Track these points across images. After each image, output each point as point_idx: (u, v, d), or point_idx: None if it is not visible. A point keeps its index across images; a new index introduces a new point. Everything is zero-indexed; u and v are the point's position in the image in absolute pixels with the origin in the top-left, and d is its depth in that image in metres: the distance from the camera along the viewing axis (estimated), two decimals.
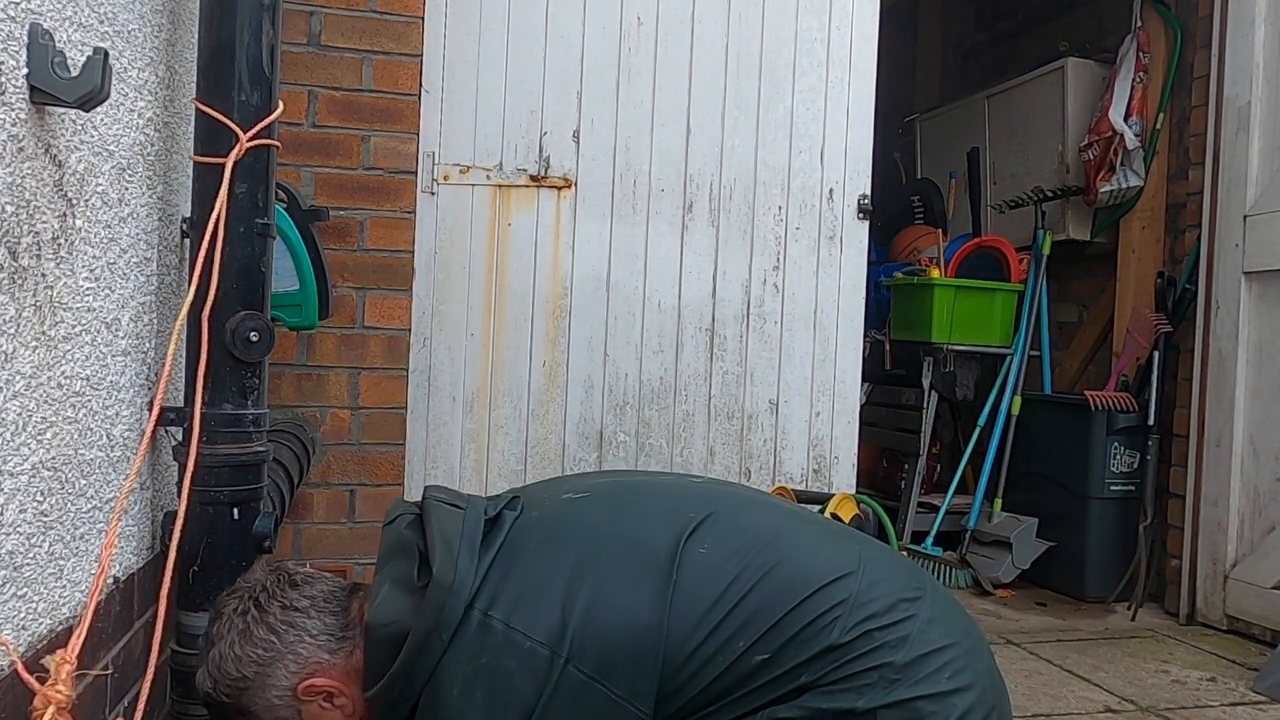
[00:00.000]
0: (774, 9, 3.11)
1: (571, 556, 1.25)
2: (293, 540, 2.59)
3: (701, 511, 1.32)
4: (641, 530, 1.30)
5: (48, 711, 1.00)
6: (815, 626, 1.23)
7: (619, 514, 1.34)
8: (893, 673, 1.22)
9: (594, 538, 1.28)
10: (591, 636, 1.19)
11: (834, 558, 1.30)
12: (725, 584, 1.24)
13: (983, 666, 1.31)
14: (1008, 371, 3.84)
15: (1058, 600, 3.54)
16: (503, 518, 1.30)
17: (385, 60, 2.63)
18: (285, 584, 1.28)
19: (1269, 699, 2.54)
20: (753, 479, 3.12)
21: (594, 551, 1.26)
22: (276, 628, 1.23)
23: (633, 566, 1.24)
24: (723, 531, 1.30)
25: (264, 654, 1.23)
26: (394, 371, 2.67)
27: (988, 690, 1.28)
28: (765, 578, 1.25)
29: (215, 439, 1.55)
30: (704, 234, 3.09)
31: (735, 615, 1.23)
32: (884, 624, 1.24)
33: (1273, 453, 3.04)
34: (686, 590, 1.23)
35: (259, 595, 1.26)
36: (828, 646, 1.23)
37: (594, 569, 1.23)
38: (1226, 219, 3.22)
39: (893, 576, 1.31)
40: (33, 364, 1.11)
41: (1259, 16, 3.13)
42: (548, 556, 1.25)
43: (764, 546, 1.29)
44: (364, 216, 2.64)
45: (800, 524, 1.38)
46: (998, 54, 5.16)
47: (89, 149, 1.27)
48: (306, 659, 1.24)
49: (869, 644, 1.23)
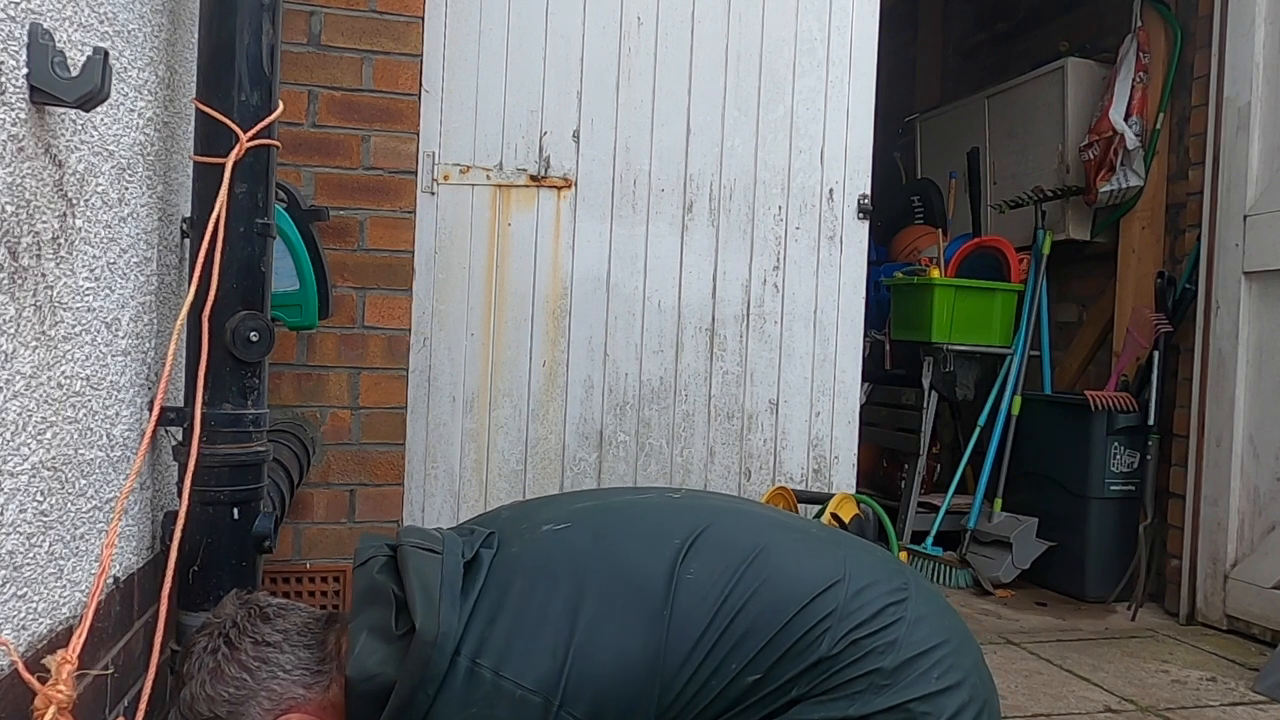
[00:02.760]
0: (774, 9, 3.11)
1: (560, 595, 1.22)
2: (293, 540, 2.59)
3: (688, 533, 1.30)
4: (630, 560, 1.27)
5: (48, 711, 1.01)
6: (805, 641, 1.23)
7: (605, 543, 1.30)
8: (882, 678, 1.23)
9: (582, 573, 1.24)
10: (586, 680, 1.16)
11: (820, 567, 1.30)
12: (715, 608, 1.23)
13: (970, 662, 1.31)
14: (1008, 371, 3.84)
15: (1058, 600, 3.54)
16: (480, 558, 1.26)
17: (385, 60, 2.63)
18: (257, 618, 1.24)
19: (1269, 699, 2.54)
20: (753, 479, 3.12)
21: (583, 588, 1.23)
22: (249, 665, 1.20)
23: (625, 600, 1.23)
24: (709, 551, 1.28)
25: (236, 692, 1.18)
26: (394, 371, 2.67)
27: (977, 686, 1.29)
28: (754, 596, 1.25)
29: (215, 439, 1.55)
30: (704, 234, 3.09)
31: (726, 639, 1.22)
32: (872, 630, 1.25)
33: (1273, 453, 3.04)
34: (679, 622, 1.22)
35: (229, 631, 1.22)
36: (818, 660, 1.23)
37: (585, 608, 1.21)
38: (1226, 219, 3.22)
39: (878, 579, 1.31)
40: (33, 364, 1.11)
41: (1259, 16, 3.13)
42: (537, 596, 1.22)
43: (750, 564, 1.28)
44: (364, 216, 2.64)
45: (784, 533, 1.37)
46: (998, 54, 5.16)
47: (89, 149, 1.27)
48: (281, 695, 1.20)
49: (857, 652, 1.23)
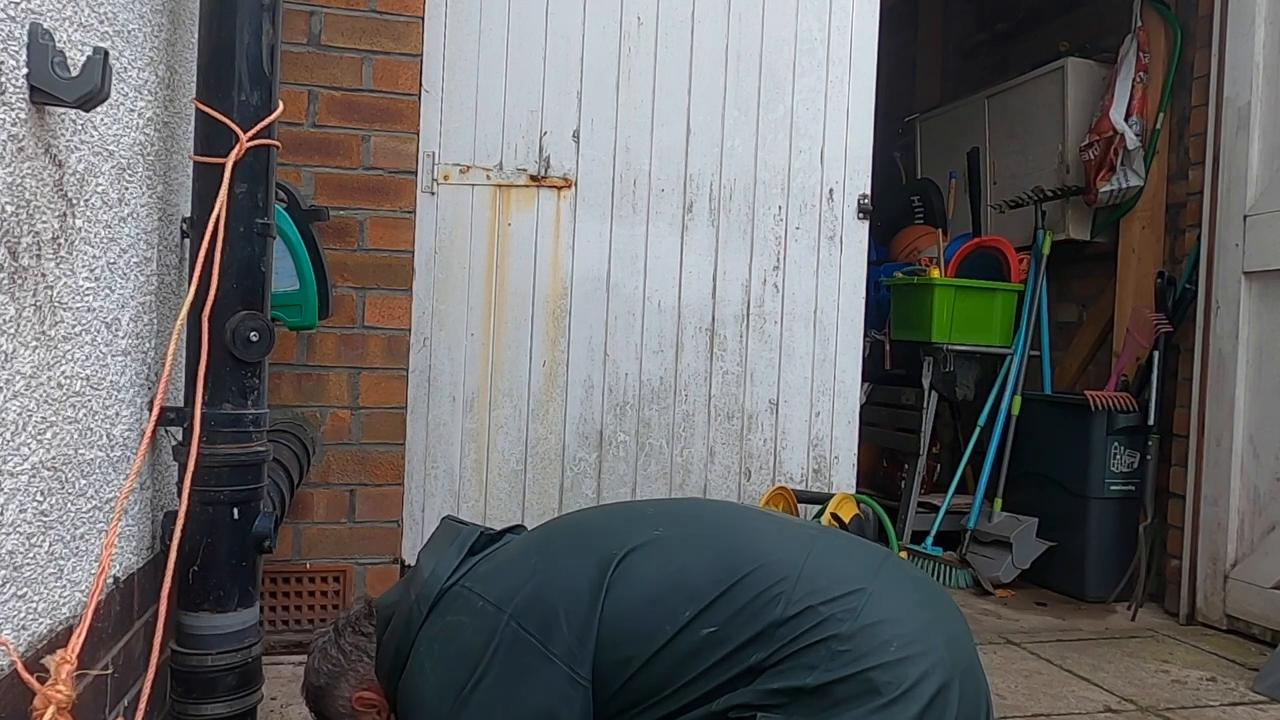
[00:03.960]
0: (774, 9, 3.11)
1: (539, 545, 1.46)
2: (293, 540, 2.59)
3: (662, 509, 1.50)
4: (610, 525, 1.48)
5: (48, 711, 1.01)
6: (759, 601, 1.28)
7: (593, 514, 1.59)
8: (839, 645, 1.25)
9: (565, 533, 1.50)
10: (536, 602, 1.33)
11: (785, 541, 1.38)
12: (675, 560, 1.35)
13: (943, 638, 1.31)
14: (1008, 371, 3.84)
15: (1058, 600, 3.54)
16: (504, 536, 1.54)
17: (385, 60, 2.63)
18: (364, 616, 1.56)
19: (1269, 699, 2.54)
20: (753, 479, 3.12)
21: (556, 541, 1.47)
22: (345, 649, 1.54)
23: (588, 548, 1.40)
24: (683, 522, 1.45)
25: (332, 669, 1.53)
26: (394, 371, 2.67)
27: (945, 661, 1.27)
28: (715, 554, 1.35)
29: (215, 439, 1.55)
30: (704, 234, 3.09)
31: (682, 588, 1.31)
32: (829, 598, 1.28)
33: (1273, 452, 3.04)
34: (635, 569, 1.34)
35: (340, 622, 1.58)
36: (772, 622, 1.27)
37: (551, 549, 1.44)
38: (1226, 219, 3.22)
39: (846, 560, 1.36)
40: (33, 364, 1.11)
41: (1259, 16, 3.13)
42: (522, 547, 1.48)
43: (717, 530, 1.41)
44: (364, 216, 2.64)
45: (760, 516, 1.49)
46: (998, 54, 5.16)
47: (89, 149, 1.27)
48: (363, 676, 1.51)
49: (814, 619, 1.26)
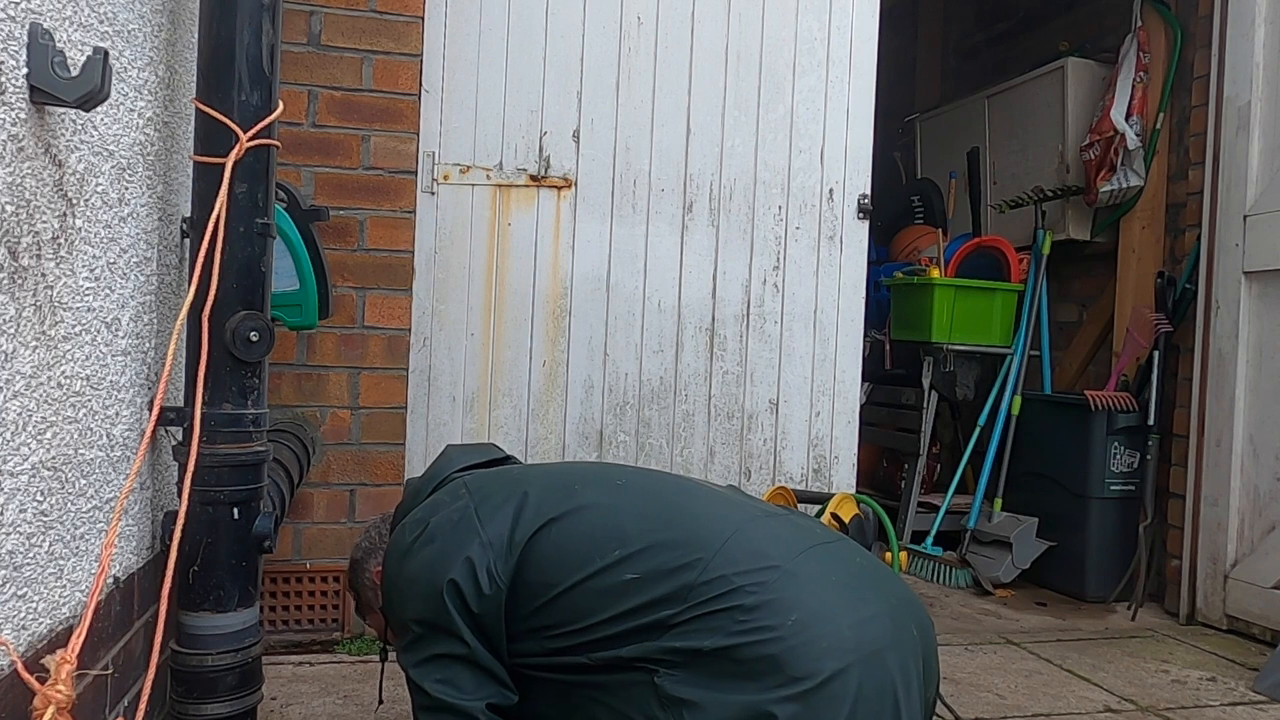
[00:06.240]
0: (774, 9, 3.11)
1: (532, 475, 1.61)
2: (293, 540, 2.59)
3: (634, 477, 1.60)
4: (586, 476, 1.60)
5: (48, 711, 1.01)
6: (680, 560, 1.36)
7: (582, 467, 1.83)
8: (741, 614, 1.28)
9: (553, 473, 1.65)
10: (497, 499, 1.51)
11: (723, 516, 1.44)
12: (621, 510, 1.46)
13: (866, 615, 1.30)
14: (1008, 371, 3.85)
15: (1058, 600, 3.54)
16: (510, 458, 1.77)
17: (385, 60, 2.63)
18: None
19: (1269, 699, 2.54)
20: (753, 479, 3.12)
21: (537, 480, 1.57)
22: (381, 531, 1.75)
23: (559, 492, 1.52)
24: (643, 485, 1.56)
25: (367, 545, 1.76)
26: (394, 371, 2.67)
27: (850, 643, 1.26)
28: (655, 510, 1.46)
29: (215, 439, 1.55)
30: (704, 234, 3.09)
31: (618, 531, 1.42)
32: (741, 570, 1.32)
33: (1273, 452, 3.04)
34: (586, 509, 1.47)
35: (382, 517, 1.79)
36: (686, 583, 1.32)
37: (534, 482, 1.55)
38: (1226, 219, 3.22)
39: (772, 540, 1.39)
40: (33, 364, 1.11)
41: (1259, 16, 3.13)
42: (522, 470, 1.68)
43: (665, 494, 1.52)
44: (364, 216, 2.64)
45: (714, 494, 1.56)
46: (998, 54, 5.16)
47: (89, 149, 1.27)
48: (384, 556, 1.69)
49: (724, 587, 1.31)
